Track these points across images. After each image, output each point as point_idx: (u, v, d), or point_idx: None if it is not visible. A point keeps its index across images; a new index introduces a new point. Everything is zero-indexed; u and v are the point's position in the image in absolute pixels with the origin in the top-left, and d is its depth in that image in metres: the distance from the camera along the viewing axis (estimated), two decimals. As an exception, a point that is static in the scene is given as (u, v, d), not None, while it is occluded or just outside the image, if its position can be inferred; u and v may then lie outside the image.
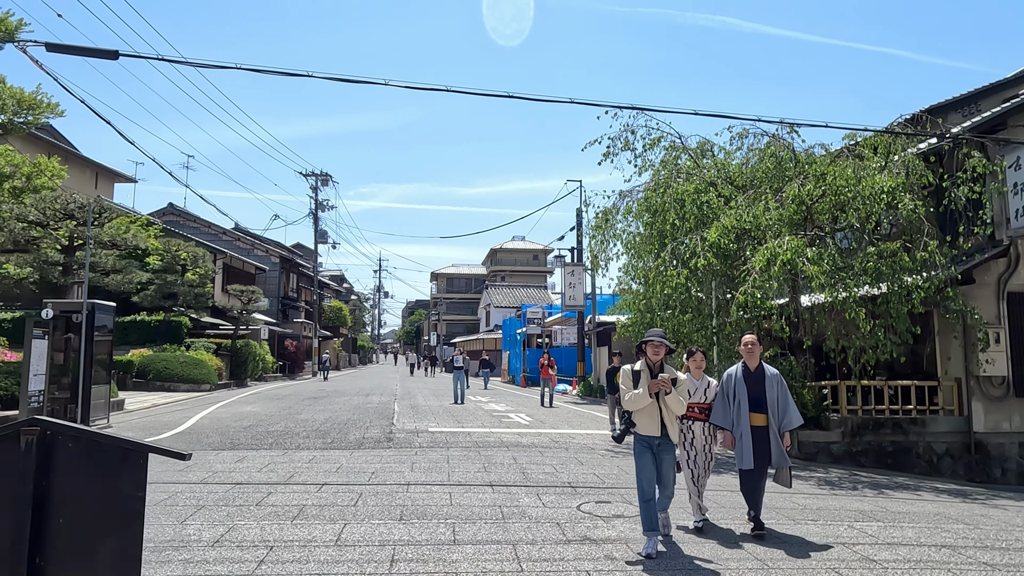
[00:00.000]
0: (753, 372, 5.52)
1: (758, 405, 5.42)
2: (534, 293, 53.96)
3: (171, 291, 26.68)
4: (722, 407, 5.56)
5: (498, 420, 13.99)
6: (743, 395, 5.44)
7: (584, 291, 22.66)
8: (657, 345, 4.96)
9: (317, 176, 42.24)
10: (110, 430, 11.42)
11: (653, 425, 4.89)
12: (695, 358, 5.73)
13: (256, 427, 11.93)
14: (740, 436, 5.42)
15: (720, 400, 5.59)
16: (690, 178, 11.13)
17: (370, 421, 13.15)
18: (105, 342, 12.21)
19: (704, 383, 5.70)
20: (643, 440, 4.96)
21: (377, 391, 23.52)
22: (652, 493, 4.93)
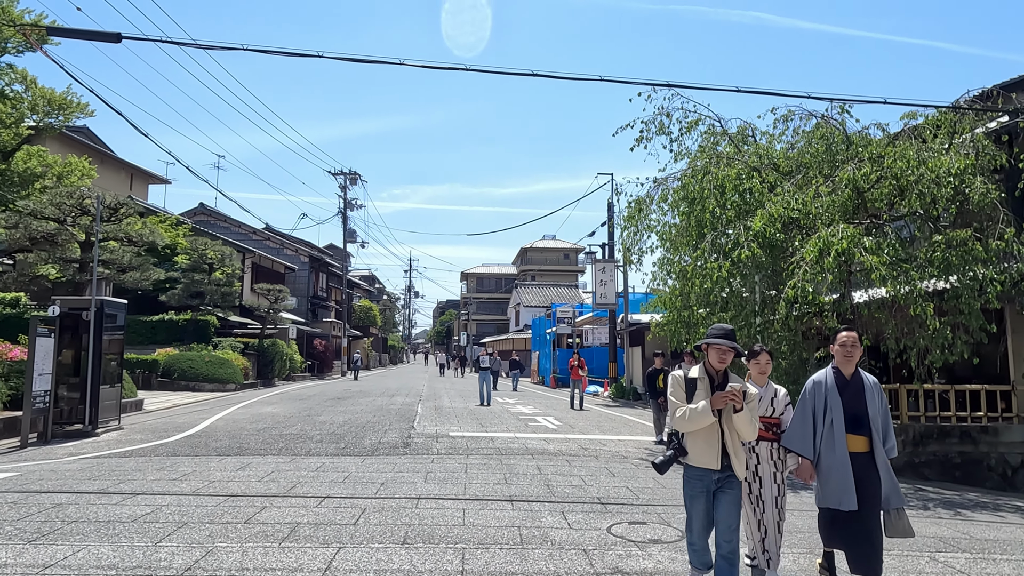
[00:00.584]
0: (850, 381, 4.10)
1: (857, 424, 4.01)
2: (564, 292, 53.02)
3: (198, 290, 26.57)
4: (801, 426, 4.16)
5: (524, 424, 13.23)
6: (837, 411, 4.03)
7: (616, 289, 21.76)
8: (724, 350, 3.70)
9: (346, 175, 42.06)
10: (117, 433, 10.99)
11: (711, 454, 3.65)
12: (758, 360, 4.58)
13: (270, 430, 11.38)
14: (832, 466, 3.98)
15: (799, 417, 4.19)
16: (731, 163, 10.20)
17: (390, 424, 12.51)
18: (116, 340, 11.78)
19: (769, 391, 4.54)
20: (697, 475, 3.73)
21: (402, 392, 22.97)
22: (706, 544, 3.81)
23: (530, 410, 16.57)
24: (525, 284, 56.43)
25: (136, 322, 26.88)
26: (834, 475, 3.96)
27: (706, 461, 3.68)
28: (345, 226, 40.91)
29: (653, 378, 11.47)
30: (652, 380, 11.48)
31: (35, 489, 6.38)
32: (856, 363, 4.15)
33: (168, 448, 9.28)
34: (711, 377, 3.75)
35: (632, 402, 20.07)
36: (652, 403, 11.56)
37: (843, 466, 3.93)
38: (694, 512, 3.78)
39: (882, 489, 3.93)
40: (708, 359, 3.76)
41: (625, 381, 21.23)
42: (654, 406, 11.47)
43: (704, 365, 3.80)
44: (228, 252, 27.98)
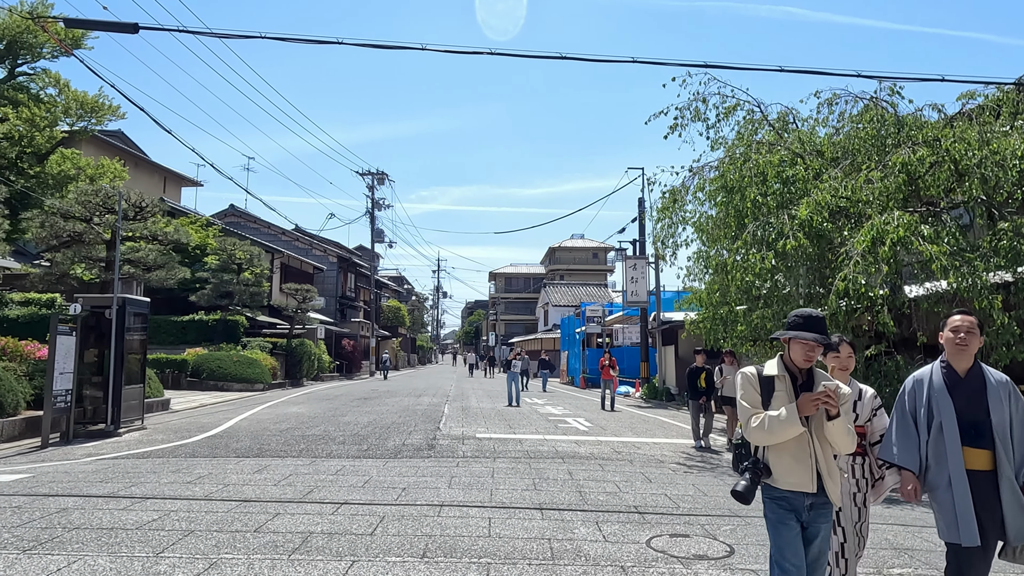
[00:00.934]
0: (964, 378, 3.17)
1: (976, 434, 3.07)
2: (594, 291, 52.32)
3: (227, 290, 26.65)
4: (901, 433, 3.27)
5: (554, 425, 12.75)
6: (948, 417, 3.12)
7: (647, 286, 21.13)
8: (811, 346, 2.88)
9: (373, 175, 42.03)
10: (140, 433, 10.80)
11: (804, 473, 2.82)
12: (838, 353, 3.65)
13: (293, 431, 11.10)
14: (942, 486, 3.08)
15: (898, 422, 3.31)
16: (773, 150, 9.59)
17: (415, 425, 12.15)
18: (140, 339, 11.63)
19: (853, 391, 3.63)
20: (784, 501, 2.87)
21: (430, 392, 22.66)
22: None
23: (560, 411, 16.08)
24: (554, 284, 55.89)
25: (167, 322, 27.10)
26: (946, 500, 3.05)
27: (798, 482, 2.82)
28: (373, 226, 40.88)
29: (694, 377, 10.84)
30: (692, 379, 10.84)
31: (44, 492, 6.13)
32: (974, 356, 3.22)
33: (187, 449, 9.03)
34: (793, 375, 2.94)
35: (665, 403, 19.43)
36: (692, 404, 10.88)
37: (958, 488, 3.00)
38: (784, 539, 2.85)
39: (1008, 521, 2.96)
40: (790, 355, 2.95)
41: (657, 381, 20.58)
42: (693, 407, 10.80)
43: (783, 359, 3.00)
44: (256, 252, 28.03)
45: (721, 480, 7.64)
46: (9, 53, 26.70)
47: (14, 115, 23.89)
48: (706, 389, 10.64)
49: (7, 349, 11.66)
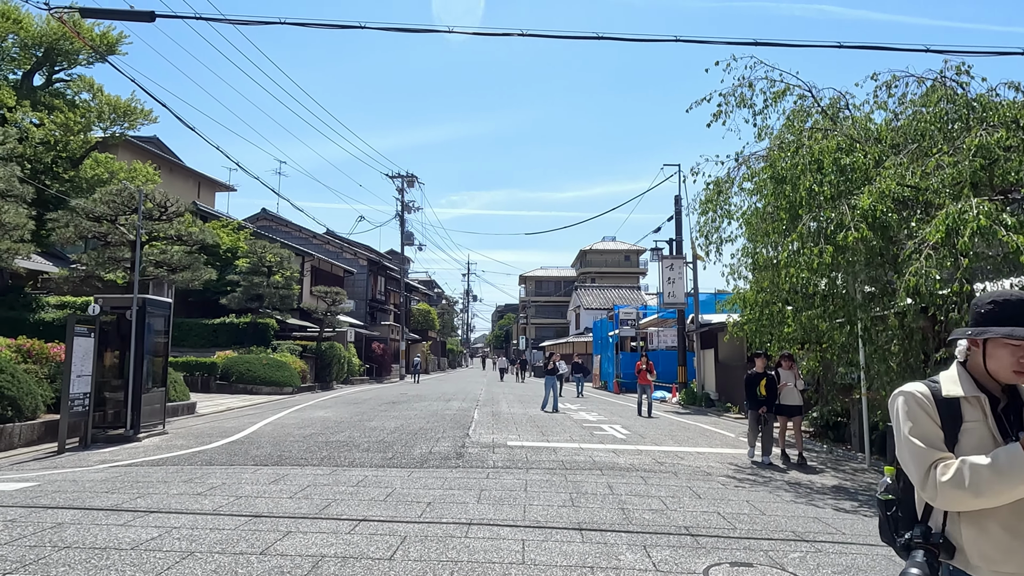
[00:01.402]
0: None
1: None
2: (626, 294, 51.37)
3: (257, 292, 26.56)
4: None
5: (589, 433, 12.08)
6: None
7: (685, 287, 20.30)
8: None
9: (403, 178, 41.86)
10: (160, 438, 10.45)
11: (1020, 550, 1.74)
12: None
13: (316, 436, 10.65)
14: None
15: None
16: (829, 135, 8.81)
17: (443, 431, 11.61)
18: (161, 341, 11.32)
19: None
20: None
21: (459, 396, 22.15)
22: None
23: (595, 417, 15.39)
24: (585, 286, 55.08)
25: (198, 325, 27.14)
26: None
27: (1017, 571, 1.74)
28: (403, 228, 40.67)
29: (752, 384, 9.71)
30: (751, 386, 9.70)
31: (44, 504, 5.71)
32: None
33: (205, 456, 8.62)
34: (992, 396, 1.86)
35: (705, 409, 18.56)
36: (750, 415, 9.73)
37: None
38: None
39: None
40: (986, 364, 1.85)
41: (696, 386, 19.72)
42: (752, 418, 9.68)
43: (968, 371, 1.91)
44: (287, 255, 27.92)
45: (777, 497, 6.91)
46: (47, 60, 27.09)
47: (49, 120, 24.18)
48: (767, 398, 9.59)
49: (32, 351, 11.46)
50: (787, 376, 9.78)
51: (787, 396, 9.68)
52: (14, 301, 23.62)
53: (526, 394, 25.08)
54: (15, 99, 25.46)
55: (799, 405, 9.84)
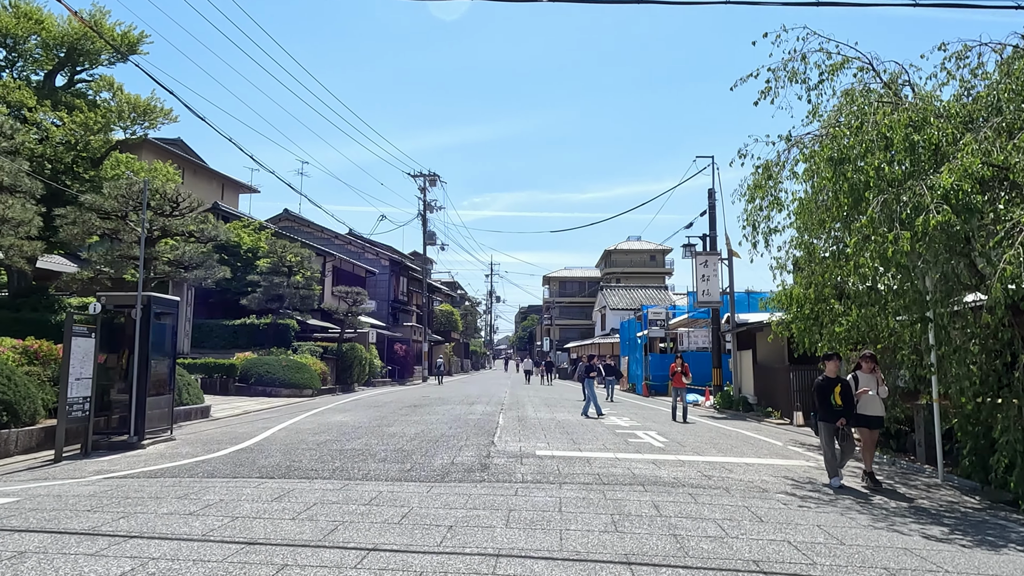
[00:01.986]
0: None
1: None
2: (653, 294, 50.20)
3: (277, 293, 26.10)
4: None
5: (623, 440, 11.20)
6: None
7: (720, 285, 19.27)
8: None
9: (425, 177, 41.30)
10: (165, 444, 9.80)
11: None
12: None
13: (331, 443, 9.94)
14: None
15: None
16: (898, 108, 7.86)
17: (467, 438, 10.82)
18: (169, 341, 10.71)
19: None
20: None
21: (483, 399, 21.37)
22: None
23: (627, 423, 14.49)
24: (611, 286, 54.01)
25: (218, 326, 26.78)
26: None
27: None
28: (425, 228, 40.09)
29: (826, 391, 7.87)
30: (824, 394, 7.87)
31: (13, 525, 5.03)
32: None
33: (208, 466, 7.93)
34: None
35: (743, 413, 17.53)
36: (823, 428, 7.89)
37: None
38: None
39: None
40: None
41: (732, 389, 18.68)
42: (826, 432, 7.83)
43: None
44: (307, 255, 27.45)
45: (851, 520, 5.99)
46: (69, 60, 26.95)
47: (69, 119, 23.96)
48: (844, 408, 7.78)
49: (40, 352, 10.94)
50: (867, 381, 8.09)
51: (868, 405, 8.02)
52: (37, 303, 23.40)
53: (552, 397, 24.21)
54: (35, 99, 25.29)
55: (881, 416, 8.24)
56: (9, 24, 26.02)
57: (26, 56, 27.55)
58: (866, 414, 7.99)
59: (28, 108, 23.96)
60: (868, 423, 8.05)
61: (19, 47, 27.54)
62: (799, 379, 14.95)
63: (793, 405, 14.78)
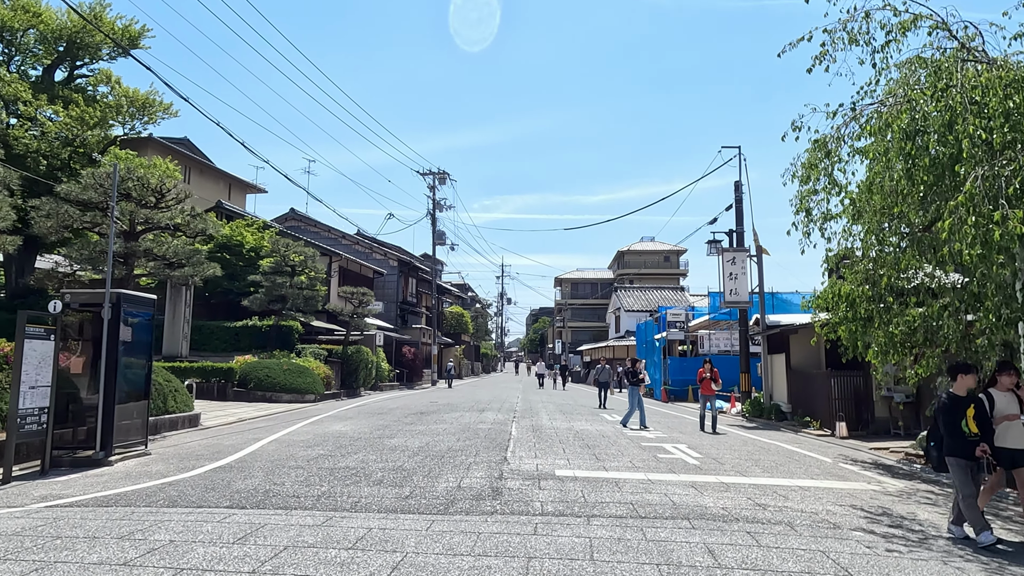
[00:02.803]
0: None
1: None
2: (669, 295, 48.80)
3: (280, 293, 25.06)
4: None
5: (652, 456, 9.97)
6: None
7: (749, 284, 17.96)
8: None
9: (434, 175, 40.23)
10: (136, 461, 8.66)
11: None
12: None
13: (322, 460, 8.78)
14: None
15: None
16: (993, 67, 6.61)
17: (476, 453, 9.64)
18: (144, 343, 9.61)
19: None
20: None
21: (494, 405, 20.18)
22: None
23: (653, 434, 13.23)
24: (625, 287, 52.67)
25: (219, 328, 25.77)
26: None
27: None
28: (434, 227, 38.98)
29: (955, 415, 5.62)
30: (953, 418, 5.63)
31: None
32: None
33: (174, 490, 6.79)
34: None
35: (775, 422, 16.21)
36: (955, 465, 5.60)
37: None
38: None
39: None
40: None
41: (762, 396, 17.36)
42: (959, 470, 5.57)
43: None
44: (311, 254, 26.37)
45: (961, 572, 4.73)
46: (68, 55, 26.10)
47: (64, 113, 23.07)
48: (982, 435, 5.58)
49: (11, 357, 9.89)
50: (1007, 401, 5.76)
51: (1013, 435, 5.65)
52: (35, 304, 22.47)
53: (567, 403, 22.97)
54: (31, 92, 24.39)
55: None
56: (5, 16, 25.15)
57: (24, 50, 26.68)
58: (1009, 447, 5.66)
59: (23, 102, 23.08)
60: (1013, 460, 5.69)
61: (16, 41, 26.66)
62: (841, 386, 13.65)
63: (835, 414, 13.47)
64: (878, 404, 13.33)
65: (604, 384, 18.72)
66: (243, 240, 28.11)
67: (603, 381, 18.72)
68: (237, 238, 28.11)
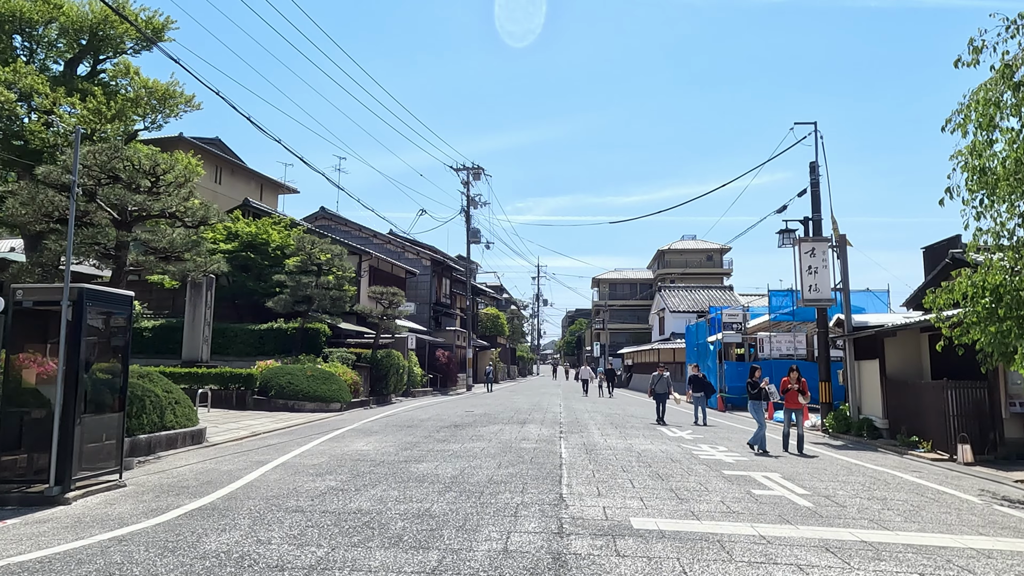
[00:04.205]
0: None
1: None
2: (718, 295, 46.12)
3: (305, 294, 23.53)
4: None
5: (745, 492, 7.88)
6: None
7: (831, 279, 15.61)
8: None
9: (469, 170, 38.50)
10: (103, 496, 6.91)
11: None
12: None
13: (331, 496, 6.96)
14: None
15: None
16: None
17: (523, 487, 7.70)
18: (118, 348, 7.94)
19: None
20: None
21: (536, 416, 18.22)
22: None
23: (729, 455, 11.10)
24: (669, 287, 50.09)
25: (243, 331, 24.31)
26: None
27: None
28: (468, 224, 37.22)
29: None
30: None
31: None
32: None
33: (118, 554, 5.00)
34: None
35: (869, 441, 13.83)
36: None
37: None
38: None
39: None
40: None
41: (849, 409, 15.01)
42: None
43: None
44: (339, 251, 24.78)
45: None
46: (90, 48, 25.08)
47: (82, 106, 21.94)
48: None
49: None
50: None
51: None
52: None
53: (615, 413, 20.87)
54: (48, 85, 23.31)
55: None
56: (24, 7, 24.17)
57: (46, 45, 25.74)
58: None
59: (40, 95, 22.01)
60: None
61: (37, 35, 25.70)
62: (959, 400, 11.29)
63: (953, 435, 11.14)
64: (1008, 423, 10.94)
65: (663, 396, 16.47)
66: (269, 238, 26.68)
67: (661, 392, 16.48)
68: (263, 236, 26.70)
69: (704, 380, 16.53)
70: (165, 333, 23.55)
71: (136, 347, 24.72)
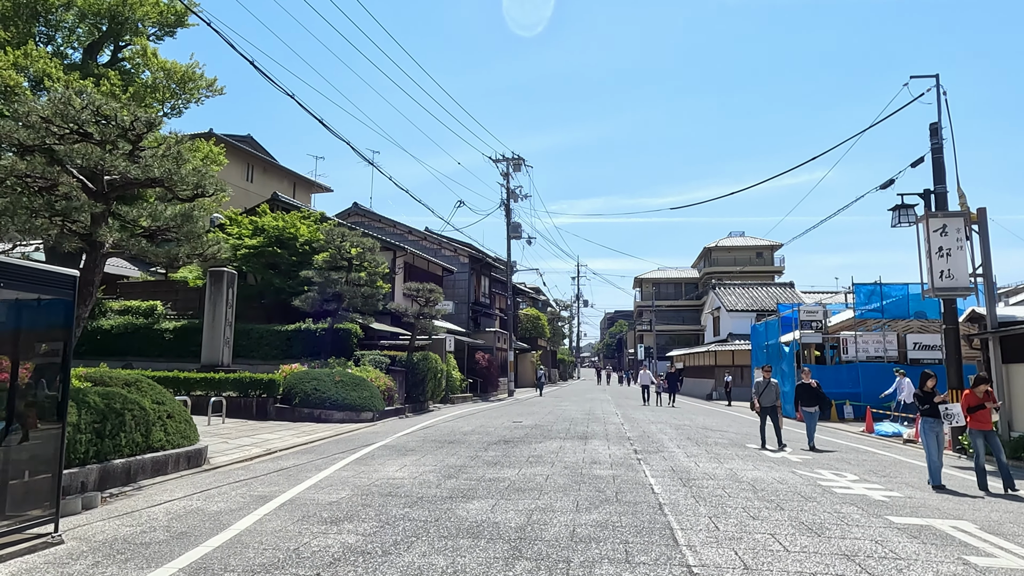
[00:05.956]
0: None
1: None
2: (779, 292, 42.81)
3: (335, 291, 21.46)
4: None
5: (953, 557, 5.27)
6: None
7: (968, 264, 12.63)
8: None
9: (508, 161, 36.18)
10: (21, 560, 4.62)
11: None
12: None
13: (345, 565, 4.60)
14: None
15: None
16: None
17: (627, 559, 5.23)
18: (50, 352, 5.73)
19: None
20: None
21: (595, 429, 15.70)
22: None
23: (874, 491, 8.42)
24: (725, 284, 46.89)
25: (269, 332, 22.30)
26: None
27: None
28: (508, 218, 34.88)
29: None
30: None
31: None
32: None
33: None
34: None
35: (1022, 464, 11.00)
36: None
37: None
38: None
39: None
40: None
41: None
42: None
43: None
44: (371, 245, 22.66)
45: None
46: (111, 34, 23.52)
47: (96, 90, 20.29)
48: None
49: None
50: None
51: None
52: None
53: (684, 424, 18.22)
54: (62, 69, 21.70)
55: None
56: (40, -11, 22.66)
57: (64, 29, 24.21)
58: None
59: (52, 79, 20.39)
60: None
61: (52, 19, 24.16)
62: None
63: None
64: None
65: (771, 410, 13.07)
66: (297, 232, 24.68)
67: (769, 406, 13.04)
68: (291, 231, 24.70)
69: (817, 390, 13.24)
70: (187, 335, 21.75)
71: (156, 350, 22.99)
